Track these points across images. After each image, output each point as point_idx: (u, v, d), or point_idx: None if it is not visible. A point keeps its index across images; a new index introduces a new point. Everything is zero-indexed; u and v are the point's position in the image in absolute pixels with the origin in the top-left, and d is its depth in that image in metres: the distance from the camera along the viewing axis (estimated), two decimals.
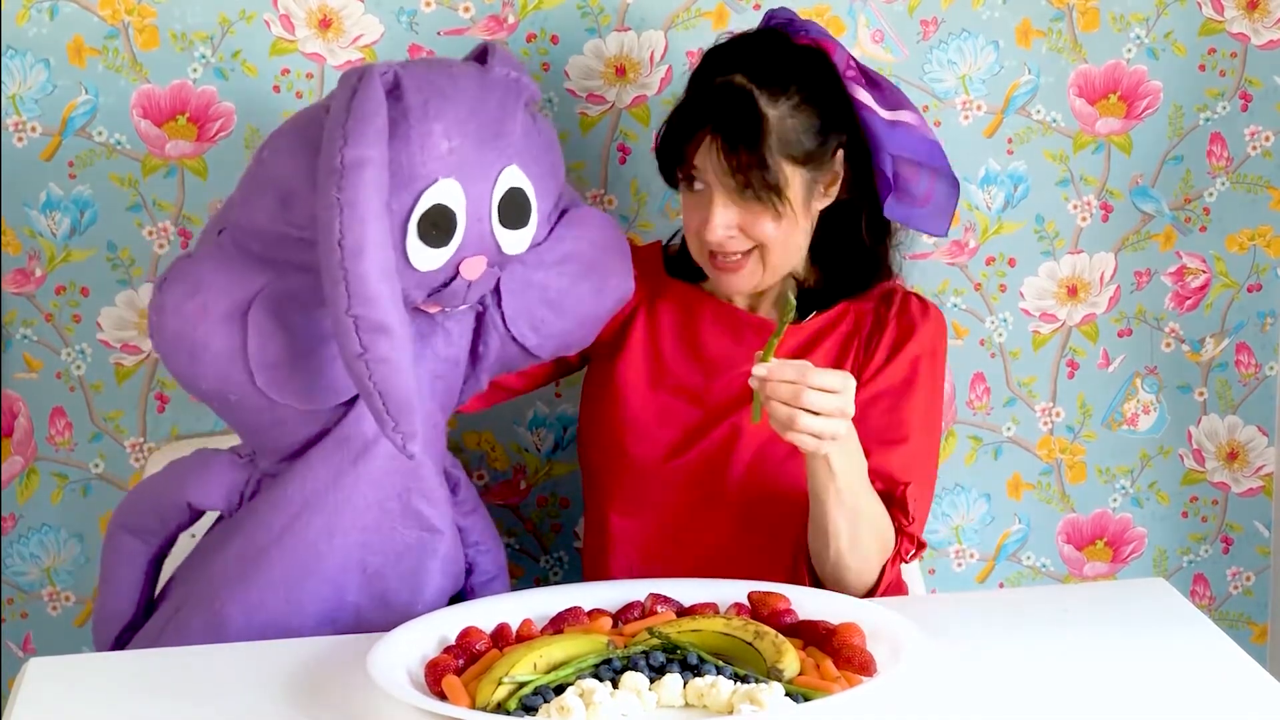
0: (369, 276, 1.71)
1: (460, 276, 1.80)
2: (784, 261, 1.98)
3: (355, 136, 1.72)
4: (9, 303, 2.22)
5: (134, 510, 1.96)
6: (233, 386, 1.83)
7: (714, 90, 1.93)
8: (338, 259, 1.70)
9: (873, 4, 2.26)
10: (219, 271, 1.83)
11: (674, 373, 2.04)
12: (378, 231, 1.72)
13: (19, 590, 2.30)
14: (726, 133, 1.90)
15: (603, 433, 2.05)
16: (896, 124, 1.99)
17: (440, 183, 1.76)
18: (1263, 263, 2.38)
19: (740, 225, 1.93)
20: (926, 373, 2.01)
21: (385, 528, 1.87)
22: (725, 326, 2.05)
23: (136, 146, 2.20)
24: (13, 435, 2.26)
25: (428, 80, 1.79)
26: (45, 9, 2.16)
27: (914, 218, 2.02)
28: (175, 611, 1.90)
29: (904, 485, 1.94)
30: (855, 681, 1.61)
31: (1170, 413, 2.42)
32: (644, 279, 2.06)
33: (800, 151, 1.92)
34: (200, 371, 1.83)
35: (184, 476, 1.94)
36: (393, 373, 1.73)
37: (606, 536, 2.04)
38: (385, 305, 1.72)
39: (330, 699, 1.65)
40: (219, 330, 1.81)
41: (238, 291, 1.82)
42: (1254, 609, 2.49)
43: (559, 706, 1.55)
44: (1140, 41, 2.30)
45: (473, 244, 1.80)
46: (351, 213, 1.70)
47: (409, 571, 1.88)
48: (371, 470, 1.85)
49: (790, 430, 1.76)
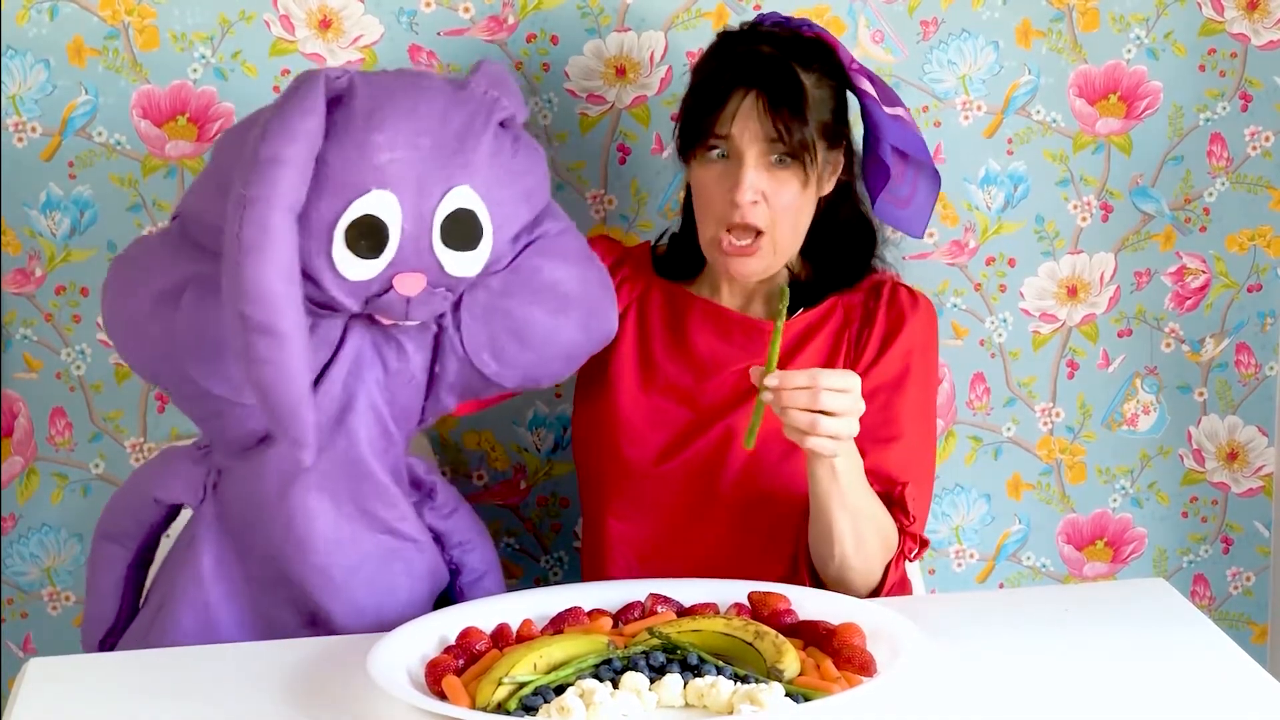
0: (262, 275, 1.67)
1: (394, 290, 1.77)
2: (791, 244, 1.98)
3: (274, 134, 1.69)
4: (9, 303, 2.22)
5: (109, 517, 1.97)
6: (166, 370, 1.84)
7: (745, 56, 1.95)
8: (234, 254, 1.68)
9: (873, 4, 2.26)
10: (161, 254, 1.84)
11: (665, 373, 2.04)
12: (281, 231, 1.68)
13: (19, 590, 2.30)
14: (770, 91, 1.91)
15: (596, 435, 2.05)
16: (896, 118, 2.00)
17: (373, 193, 1.73)
18: (1263, 263, 2.38)
19: (766, 193, 1.93)
20: (919, 367, 2.01)
21: (345, 533, 1.84)
22: (713, 326, 2.04)
23: (136, 147, 2.20)
24: (13, 435, 2.26)
25: (385, 90, 1.77)
26: (45, 9, 2.16)
27: (897, 218, 2.05)
28: (158, 609, 1.90)
29: (902, 485, 1.94)
30: (855, 681, 1.61)
31: (1170, 413, 2.42)
32: (634, 279, 2.06)
33: (825, 122, 1.95)
34: (135, 349, 1.85)
35: (148, 475, 1.94)
36: (276, 376, 1.69)
37: (603, 539, 2.04)
38: (275, 306, 1.67)
39: (330, 699, 1.65)
40: (155, 312, 1.82)
41: (174, 275, 1.82)
42: (1254, 609, 2.49)
43: (559, 706, 1.55)
44: (1140, 42, 2.30)
45: (408, 260, 1.75)
46: (253, 210, 1.67)
47: (374, 576, 1.86)
48: (318, 476, 1.82)
49: (810, 435, 1.76)
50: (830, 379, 1.76)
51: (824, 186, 2.00)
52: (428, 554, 1.90)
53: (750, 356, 1.99)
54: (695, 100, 1.97)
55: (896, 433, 1.97)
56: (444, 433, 2.32)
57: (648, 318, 2.06)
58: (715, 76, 1.96)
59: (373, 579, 1.85)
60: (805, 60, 1.95)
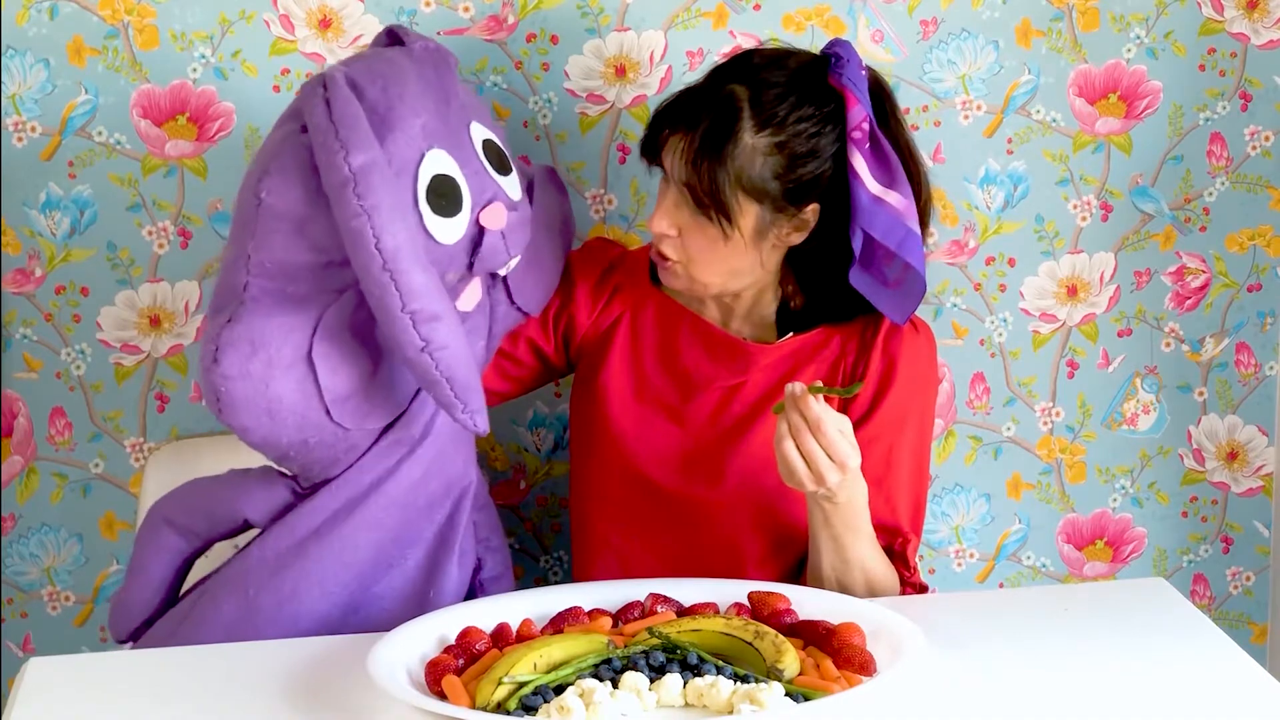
0: (412, 271, 1.74)
1: (488, 231, 1.84)
2: (717, 280, 1.94)
3: (353, 143, 1.75)
4: (9, 303, 2.22)
5: (183, 507, 1.95)
6: (311, 430, 1.83)
7: (709, 93, 1.90)
8: (379, 264, 1.73)
9: (873, 4, 2.26)
10: (268, 323, 1.80)
11: (654, 386, 2.03)
12: (405, 226, 1.75)
13: (19, 590, 2.30)
14: (700, 140, 1.87)
15: (588, 441, 2.05)
16: (881, 202, 1.90)
17: (428, 155, 1.80)
18: (1263, 263, 2.38)
19: (682, 229, 1.91)
20: (916, 408, 1.99)
21: (412, 521, 1.90)
22: (700, 343, 2.03)
23: (136, 146, 2.20)
24: (13, 435, 2.26)
25: (373, 71, 1.83)
26: (45, 9, 2.16)
27: (877, 295, 1.94)
28: (200, 595, 1.91)
29: (904, 538, 1.93)
30: (855, 681, 1.61)
31: (1170, 413, 2.42)
32: (628, 286, 2.06)
33: (760, 190, 1.88)
34: (280, 427, 1.82)
35: (247, 490, 1.93)
36: (454, 357, 1.77)
37: (589, 544, 2.04)
38: (433, 294, 1.75)
39: (330, 699, 1.66)
40: (288, 380, 1.80)
41: (295, 336, 1.80)
42: (1254, 609, 2.49)
43: (559, 706, 1.55)
44: (1140, 41, 2.30)
45: (482, 196, 1.84)
46: (378, 216, 1.73)
47: (428, 563, 1.91)
48: (412, 470, 1.89)
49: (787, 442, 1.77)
50: (845, 448, 1.77)
51: (779, 240, 1.92)
52: (469, 541, 1.97)
53: (735, 376, 1.99)
54: (658, 111, 1.95)
55: (896, 480, 1.96)
56: None
57: (640, 329, 2.05)
58: (675, 100, 1.93)
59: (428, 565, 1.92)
60: (779, 120, 1.87)
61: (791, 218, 1.92)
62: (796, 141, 1.88)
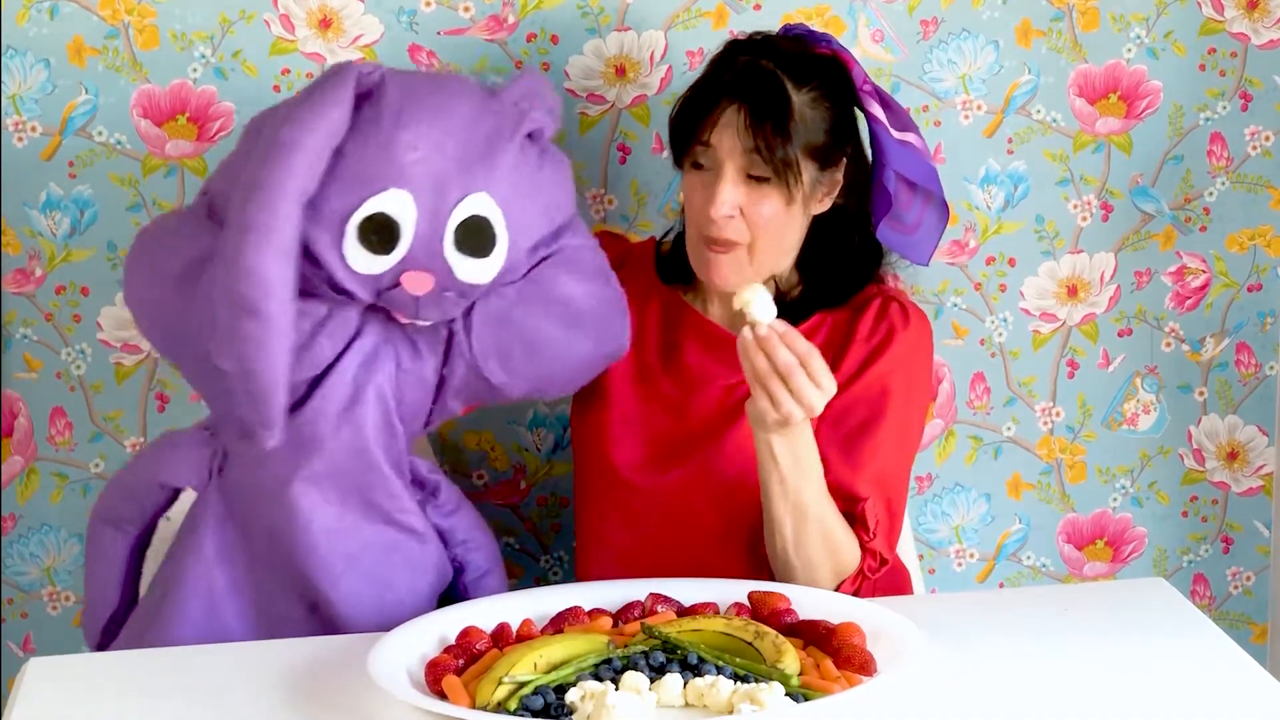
0: (259, 256, 1.70)
1: (402, 288, 1.79)
2: (772, 259, 1.96)
3: (296, 120, 1.73)
4: (9, 303, 2.22)
5: (110, 502, 1.96)
6: (184, 346, 1.85)
7: (741, 67, 1.94)
8: (235, 231, 1.71)
9: (873, 4, 2.26)
10: (184, 230, 1.86)
11: (656, 381, 2.03)
12: (285, 217, 1.71)
13: (19, 590, 2.30)
14: (754, 105, 1.90)
15: (589, 438, 2.05)
16: (904, 144, 1.99)
17: (391, 191, 1.76)
18: (1263, 262, 2.38)
19: (744, 207, 1.92)
20: (900, 389, 1.98)
21: (346, 521, 1.86)
22: (703, 342, 2.03)
23: (136, 146, 2.20)
24: (13, 435, 2.26)
25: (415, 90, 1.79)
26: (45, 9, 2.16)
27: (901, 244, 2.02)
28: (162, 598, 1.90)
29: (862, 501, 1.93)
30: (855, 681, 1.61)
31: (1170, 412, 2.42)
32: (634, 282, 2.06)
33: (815, 143, 1.93)
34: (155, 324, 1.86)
35: (152, 459, 1.94)
36: (257, 355, 1.72)
37: (589, 543, 2.04)
38: (266, 288, 1.70)
39: (330, 699, 1.65)
40: (176, 287, 1.83)
41: (195, 250, 1.83)
42: (1254, 609, 2.49)
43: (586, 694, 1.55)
44: (1140, 41, 2.30)
45: (419, 260, 1.78)
46: (262, 192, 1.70)
47: (374, 566, 1.87)
48: (324, 464, 1.84)
49: (765, 402, 1.78)
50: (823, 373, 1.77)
51: (815, 205, 1.98)
52: (430, 548, 1.91)
53: (735, 373, 1.98)
54: (685, 105, 1.97)
55: (869, 456, 1.95)
56: (444, 433, 2.31)
57: (645, 325, 2.06)
58: (706, 84, 1.96)
59: (373, 569, 1.86)
60: (803, 77, 1.93)
61: (830, 174, 1.97)
62: (829, 95, 1.95)
